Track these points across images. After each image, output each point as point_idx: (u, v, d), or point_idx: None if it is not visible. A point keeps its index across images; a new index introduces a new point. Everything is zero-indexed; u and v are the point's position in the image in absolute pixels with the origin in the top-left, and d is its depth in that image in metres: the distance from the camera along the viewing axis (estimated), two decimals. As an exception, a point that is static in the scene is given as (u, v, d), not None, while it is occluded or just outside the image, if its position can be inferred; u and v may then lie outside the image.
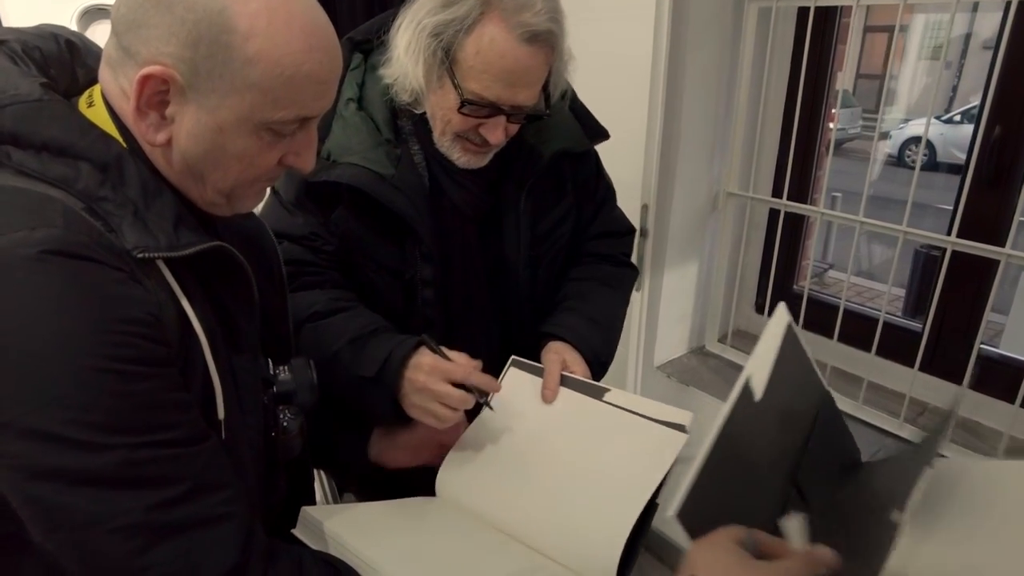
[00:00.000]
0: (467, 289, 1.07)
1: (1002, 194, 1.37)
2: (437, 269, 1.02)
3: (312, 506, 0.81)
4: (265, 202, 1.03)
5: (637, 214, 1.66)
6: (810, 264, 1.88)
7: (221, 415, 0.65)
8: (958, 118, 7.04)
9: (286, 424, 0.78)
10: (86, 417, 0.52)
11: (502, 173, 1.06)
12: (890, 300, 1.54)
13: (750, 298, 1.91)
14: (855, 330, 1.57)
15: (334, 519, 0.79)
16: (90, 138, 0.60)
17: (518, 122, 0.96)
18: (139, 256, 0.58)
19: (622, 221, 1.26)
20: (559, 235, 1.13)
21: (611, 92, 1.57)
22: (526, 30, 0.86)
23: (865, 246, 5.38)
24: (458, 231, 1.04)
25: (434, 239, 1.01)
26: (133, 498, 0.54)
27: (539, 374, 1.02)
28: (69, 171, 0.58)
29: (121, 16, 0.59)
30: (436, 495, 0.94)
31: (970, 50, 7.60)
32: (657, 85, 1.54)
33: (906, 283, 3.44)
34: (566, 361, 1.03)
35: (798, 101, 1.59)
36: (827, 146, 1.62)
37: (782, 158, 1.72)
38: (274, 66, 0.59)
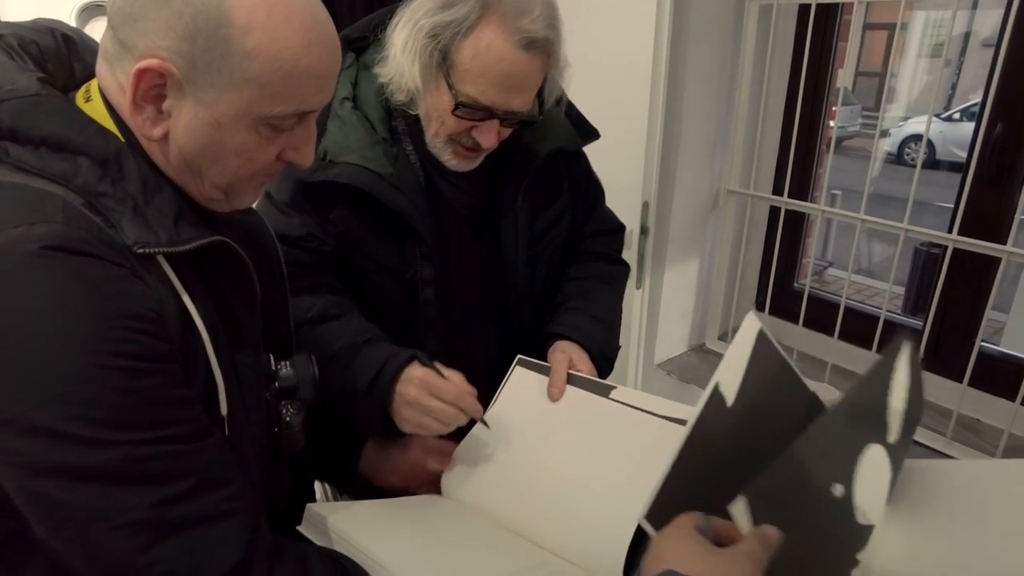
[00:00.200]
0: (465, 288, 1.07)
1: (1003, 192, 1.38)
2: (437, 268, 1.02)
3: (317, 503, 0.81)
4: (258, 205, 0.98)
5: (638, 212, 1.66)
6: (810, 262, 1.88)
7: (224, 411, 0.64)
8: (957, 116, 7.04)
9: (289, 419, 0.78)
10: (89, 413, 0.51)
11: (498, 173, 1.05)
12: (890, 298, 1.54)
13: (750, 296, 1.91)
14: (856, 328, 1.57)
15: (339, 516, 0.79)
16: (89, 133, 0.59)
17: (511, 126, 0.96)
18: (139, 251, 0.57)
19: (613, 219, 1.27)
20: (556, 233, 1.13)
21: (612, 89, 1.57)
22: (524, 36, 0.85)
23: (865, 244, 5.39)
24: (454, 230, 1.04)
25: (434, 238, 1.01)
26: (136, 495, 0.53)
27: (545, 373, 1.02)
28: (68, 166, 0.57)
29: (118, 10, 0.58)
30: (442, 492, 0.94)
31: (969, 48, 7.61)
32: (658, 83, 1.54)
33: (906, 281, 3.45)
34: (572, 360, 1.03)
35: (799, 99, 1.60)
36: (827, 144, 1.63)
37: (783, 156, 1.73)
38: (273, 60, 0.58)
